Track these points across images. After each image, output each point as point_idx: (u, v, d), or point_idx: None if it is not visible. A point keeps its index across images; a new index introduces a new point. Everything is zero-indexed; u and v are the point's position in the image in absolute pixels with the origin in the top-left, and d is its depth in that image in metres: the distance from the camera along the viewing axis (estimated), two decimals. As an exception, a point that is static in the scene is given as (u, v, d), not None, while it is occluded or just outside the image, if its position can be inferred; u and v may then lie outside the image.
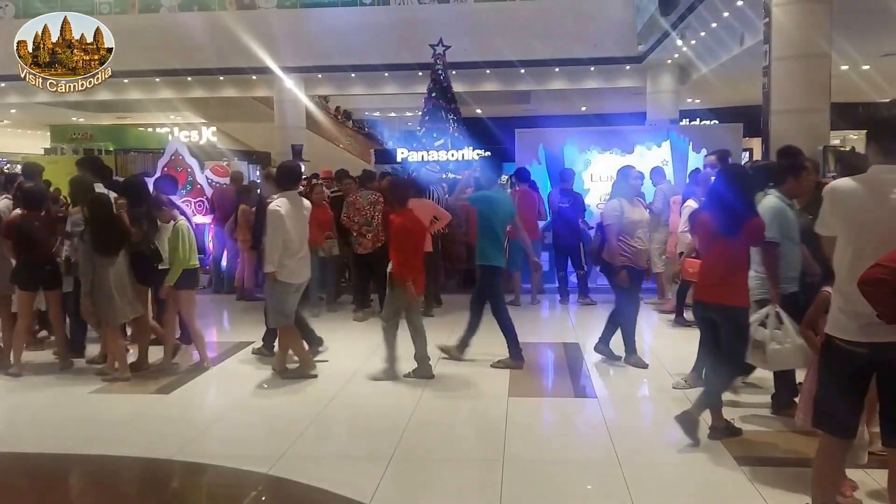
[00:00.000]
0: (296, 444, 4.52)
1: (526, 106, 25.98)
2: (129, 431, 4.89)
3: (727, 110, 22.04)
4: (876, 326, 2.70)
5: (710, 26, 15.18)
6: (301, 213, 5.90)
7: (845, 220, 2.89)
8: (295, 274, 5.81)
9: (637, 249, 6.14)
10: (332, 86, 23.17)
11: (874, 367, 2.83)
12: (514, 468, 4.08)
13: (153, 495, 4.18)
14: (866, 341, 2.78)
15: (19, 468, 4.45)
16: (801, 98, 9.60)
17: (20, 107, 23.31)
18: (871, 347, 2.78)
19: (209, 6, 19.98)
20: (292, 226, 5.71)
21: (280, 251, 5.64)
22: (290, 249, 5.71)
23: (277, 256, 5.65)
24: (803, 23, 9.52)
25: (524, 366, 6.19)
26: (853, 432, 2.99)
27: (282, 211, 5.65)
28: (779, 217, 4.50)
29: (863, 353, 2.80)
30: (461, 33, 16.97)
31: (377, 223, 8.09)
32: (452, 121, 15.45)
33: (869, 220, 2.81)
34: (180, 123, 25.07)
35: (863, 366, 2.84)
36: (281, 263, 5.68)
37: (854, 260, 2.80)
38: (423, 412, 5.10)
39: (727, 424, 4.51)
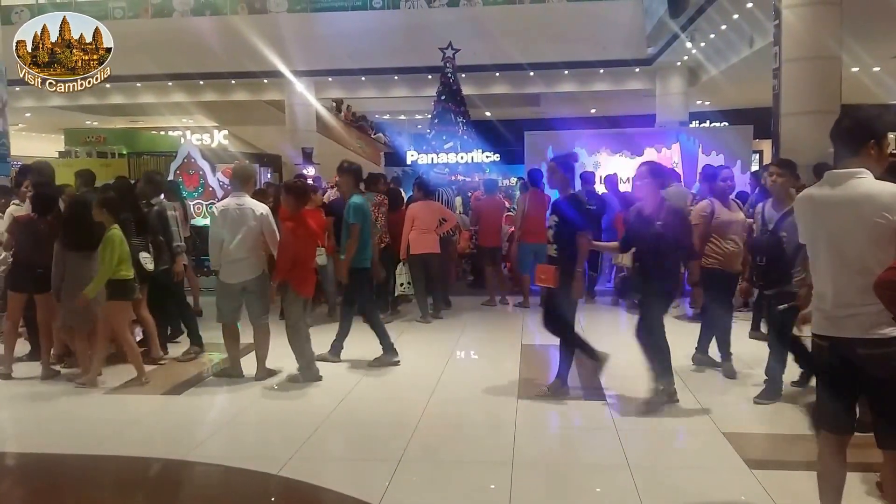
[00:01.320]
0: (305, 445, 4.56)
1: (535, 108, 25.97)
2: (140, 432, 4.95)
3: (737, 112, 21.94)
4: (833, 321, 2.88)
5: (720, 28, 15.15)
6: (245, 216, 5.89)
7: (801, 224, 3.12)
8: (229, 274, 5.94)
9: (729, 251, 5.90)
10: (343, 89, 23.27)
11: (843, 362, 2.89)
12: (523, 471, 4.10)
13: (164, 496, 4.23)
14: (825, 335, 2.94)
15: (32, 468, 4.51)
16: (811, 100, 9.57)
17: (35, 111, 23.53)
18: (830, 341, 2.92)
19: (221, 10, 20.11)
20: (229, 228, 5.85)
21: (219, 251, 5.87)
22: (224, 250, 5.87)
23: (217, 255, 5.86)
24: (813, 25, 9.50)
25: (531, 370, 6.20)
26: (848, 429, 3.00)
27: (226, 211, 5.89)
28: None
29: (825, 347, 2.95)
30: (470, 36, 17.02)
31: (381, 225, 8.14)
32: (462, 123, 15.51)
33: (816, 221, 3.00)
34: (192, 127, 25.26)
35: (832, 360, 2.94)
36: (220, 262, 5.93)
37: (812, 259, 3.04)
38: (433, 414, 5.13)
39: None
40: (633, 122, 20.34)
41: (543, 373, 6.29)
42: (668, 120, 19.33)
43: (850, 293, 2.82)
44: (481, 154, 15.23)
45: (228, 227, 5.86)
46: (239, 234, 5.85)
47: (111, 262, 5.66)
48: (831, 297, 2.89)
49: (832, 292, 2.89)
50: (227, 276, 5.92)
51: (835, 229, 2.89)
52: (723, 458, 4.26)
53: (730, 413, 5.06)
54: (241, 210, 5.91)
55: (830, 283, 2.90)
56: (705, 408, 5.14)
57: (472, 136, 15.51)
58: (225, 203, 6.04)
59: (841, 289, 2.86)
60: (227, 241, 5.85)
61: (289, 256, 5.76)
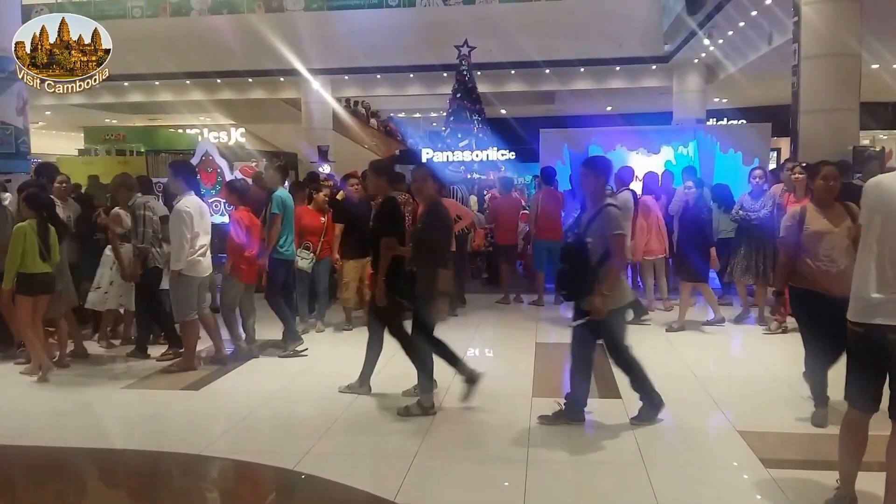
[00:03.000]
0: (321, 440, 4.59)
1: (551, 106, 25.93)
2: (158, 427, 5.00)
3: (755, 110, 21.77)
4: (871, 309, 3.10)
5: (738, 25, 15.03)
6: (205, 211, 6.39)
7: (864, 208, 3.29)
8: (196, 268, 6.17)
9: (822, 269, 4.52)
10: (359, 87, 23.37)
11: (876, 347, 3.13)
12: (537, 467, 4.11)
13: (181, 489, 4.28)
14: (862, 322, 3.16)
15: (51, 463, 4.56)
16: (830, 97, 9.50)
17: (55, 109, 23.82)
18: (865, 328, 3.14)
19: (238, 9, 20.25)
20: (198, 224, 6.15)
21: (188, 249, 6.05)
22: (194, 247, 6.11)
23: (186, 255, 6.04)
24: (833, 21, 9.42)
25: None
26: (874, 407, 3.26)
27: (191, 210, 6.08)
28: None
29: (860, 333, 3.17)
30: (486, 34, 17.03)
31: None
32: (477, 121, 15.54)
33: (876, 205, 3.20)
34: (210, 125, 25.46)
35: (866, 345, 3.17)
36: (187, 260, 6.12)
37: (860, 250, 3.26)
38: (448, 410, 5.15)
39: None
40: (649, 119, 20.21)
41: (558, 371, 6.29)
42: (685, 117, 19.22)
43: (892, 279, 3.06)
44: (496, 152, 15.24)
45: (199, 224, 6.19)
46: (206, 228, 6.29)
47: (14, 256, 5.81)
48: (875, 283, 3.10)
49: (875, 279, 3.10)
50: (194, 270, 6.17)
51: (890, 214, 3.11)
52: (738, 456, 4.25)
53: (744, 412, 5.04)
54: (204, 206, 6.41)
55: (875, 269, 3.10)
56: (720, 406, 5.13)
57: (487, 134, 15.53)
58: (188, 203, 6.18)
59: (883, 274, 3.08)
60: (199, 238, 6.17)
61: (234, 246, 6.52)
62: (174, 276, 6.08)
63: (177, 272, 6.04)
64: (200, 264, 6.19)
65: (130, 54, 18.76)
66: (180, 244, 6.01)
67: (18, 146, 11.04)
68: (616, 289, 4.55)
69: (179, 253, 6.01)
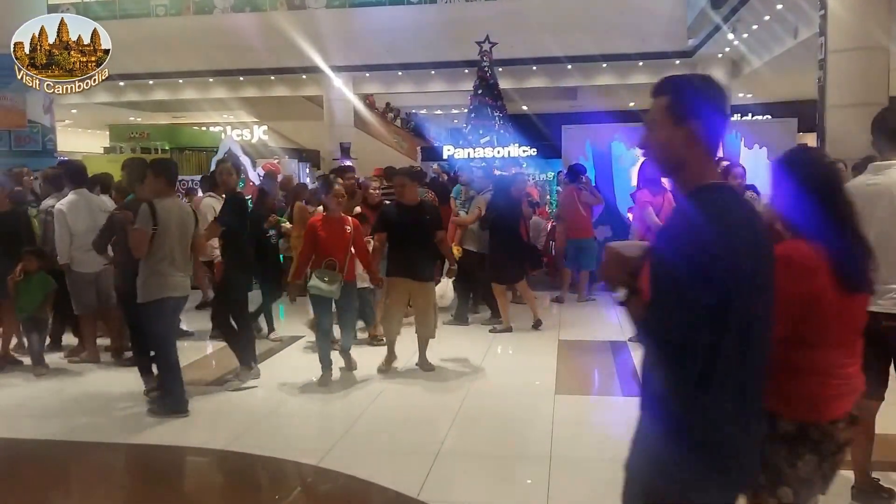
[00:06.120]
0: (345, 437, 4.62)
1: (572, 102, 25.80)
2: (182, 423, 5.06)
3: (781, 105, 21.50)
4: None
5: (763, 19, 14.85)
6: (93, 206, 6.39)
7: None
8: (85, 264, 6.27)
9: None
10: (380, 84, 23.41)
11: (873, 333, 3.10)
12: (561, 466, 4.10)
13: (206, 485, 4.34)
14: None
15: (74, 458, 4.64)
16: (857, 92, 9.34)
17: (80, 107, 24.13)
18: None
19: (261, 7, 20.39)
20: (81, 220, 6.24)
21: (69, 245, 6.22)
22: (76, 243, 6.23)
23: (67, 250, 6.22)
24: (861, 14, 9.28)
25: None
26: (878, 393, 3.35)
27: (64, 209, 6.23)
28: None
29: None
30: (507, 30, 16.95)
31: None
32: (498, 118, 15.48)
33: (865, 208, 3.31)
34: (233, 122, 25.64)
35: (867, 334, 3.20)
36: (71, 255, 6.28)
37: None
38: (470, 408, 5.15)
39: None
40: (672, 115, 19.97)
41: (581, 368, 6.28)
42: (710, 113, 19.00)
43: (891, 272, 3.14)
44: (518, 148, 15.19)
45: (81, 220, 6.26)
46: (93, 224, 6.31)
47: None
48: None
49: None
50: (81, 265, 6.29)
51: (880, 214, 3.23)
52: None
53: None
54: (92, 202, 6.48)
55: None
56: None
57: (509, 130, 15.47)
58: (65, 201, 6.28)
59: (883, 268, 3.12)
60: (81, 235, 6.22)
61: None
62: (65, 271, 6.32)
63: (65, 266, 6.27)
64: (80, 259, 6.29)
65: (155, 52, 19.04)
66: (59, 240, 6.24)
67: (45, 144, 11.21)
68: None
69: (63, 249, 6.24)
